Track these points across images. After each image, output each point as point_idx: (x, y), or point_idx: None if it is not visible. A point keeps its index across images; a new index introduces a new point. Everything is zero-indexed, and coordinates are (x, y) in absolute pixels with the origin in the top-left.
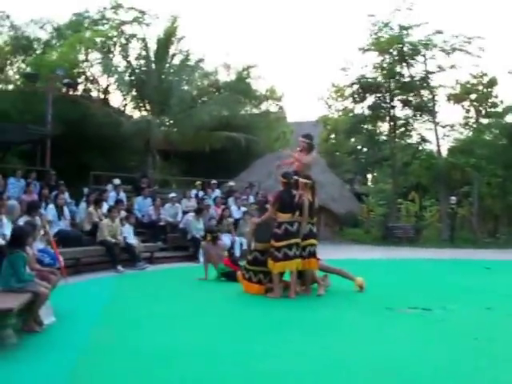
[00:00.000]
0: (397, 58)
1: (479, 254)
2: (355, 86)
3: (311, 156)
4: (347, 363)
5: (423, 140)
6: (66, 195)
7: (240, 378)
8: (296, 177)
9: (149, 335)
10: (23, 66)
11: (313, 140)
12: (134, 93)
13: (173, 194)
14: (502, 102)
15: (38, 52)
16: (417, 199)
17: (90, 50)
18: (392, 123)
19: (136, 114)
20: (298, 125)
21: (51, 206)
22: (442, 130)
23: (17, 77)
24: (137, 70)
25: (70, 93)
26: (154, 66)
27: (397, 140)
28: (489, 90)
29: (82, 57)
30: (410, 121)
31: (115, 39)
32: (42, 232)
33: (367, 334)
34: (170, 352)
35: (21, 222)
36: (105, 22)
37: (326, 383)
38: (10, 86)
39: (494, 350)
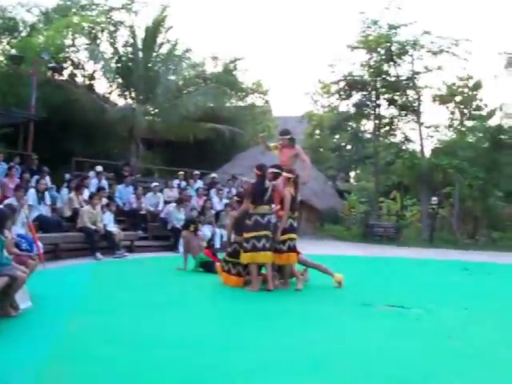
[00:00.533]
0: (384, 56)
1: (458, 255)
2: (342, 83)
3: (302, 154)
4: (318, 357)
5: (407, 140)
6: (47, 179)
7: (213, 368)
8: (275, 170)
9: (125, 323)
10: (8, 47)
11: (290, 134)
12: (119, 80)
13: (155, 184)
14: (486, 105)
15: (23, 34)
16: (398, 198)
17: (76, 35)
18: (377, 121)
19: (121, 102)
20: (283, 119)
21: (32, 191)
22: (426, 131)
23: (1, 58)
24: (123, 58)
25: (55, 77)
26: (141, 54)
27: (381, 138)
28: (474, 93)
29: (68, 41)
30: (395, 120)
31: (103, 25)
32: (24, 218)
33: (342, 329)
34: (145, 340)
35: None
36: (93, 7)
37: (296, 375)
38: None
39: (468, 349)
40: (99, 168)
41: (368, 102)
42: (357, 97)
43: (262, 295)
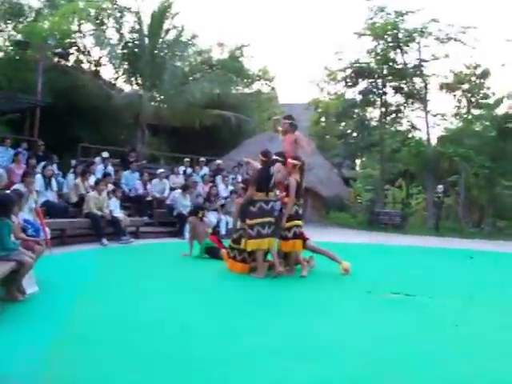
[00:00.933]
0: (391, 44)
1: (464, 244)
2: (348, 71)
3: (303, 139)
4: (322, 343)
5: (413, 127)
6: (54, 166)
7: (219, 353)
8: (276, 157)
9: (128, 308)
10: (14, 33)
11: (293, 119)
12: (125, 66)
13: (161, 170)
14: (493, 93)
15: (29, 20)
16: (404, 186)
17: (82, 21)
18: (383, 109)
19: (127, 88)
20: (288, 107)
21: (38, 177)
22: (433, 119)
23: (7, 44)
24: (129, 44)
25: (61, 63)
26: (147, 40)
27: (387, 126)
28: (481, 81)
29: (74, 27)
30: (401, 108)
31: (109, 11)
32: (33, 204)
33: (347, 316)
34: (147, 325)
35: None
36: None
37: (299, 361)
38: (0, 54)
39: (471, 336)
40: (105, 154)
41: (374, 90)
42: (363, 84)
43: (267, 282)
